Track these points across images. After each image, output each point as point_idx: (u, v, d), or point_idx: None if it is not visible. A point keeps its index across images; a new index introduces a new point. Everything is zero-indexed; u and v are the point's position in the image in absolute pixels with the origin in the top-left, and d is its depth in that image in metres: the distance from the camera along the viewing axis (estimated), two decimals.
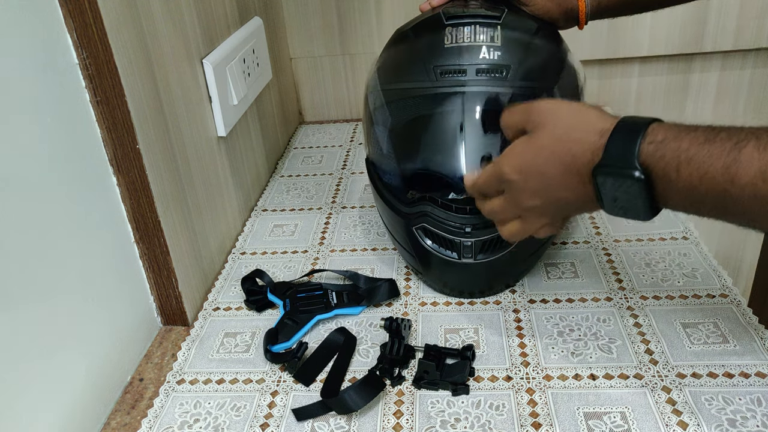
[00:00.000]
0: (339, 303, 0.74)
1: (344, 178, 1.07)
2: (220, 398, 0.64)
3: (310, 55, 1.27)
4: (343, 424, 0.60)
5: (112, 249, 0.66)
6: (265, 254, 0.87)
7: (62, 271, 0.57)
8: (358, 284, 0.77)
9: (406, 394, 0.63)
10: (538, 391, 0.61)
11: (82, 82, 0.60)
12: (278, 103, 1.16)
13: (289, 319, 0.72)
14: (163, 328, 0.75)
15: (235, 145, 0.93)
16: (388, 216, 0.77)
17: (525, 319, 0.71)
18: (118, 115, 0.62)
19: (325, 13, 1.22)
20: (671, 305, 0.71)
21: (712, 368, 0.62)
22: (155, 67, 0.68)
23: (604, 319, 0.70)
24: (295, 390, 0.64)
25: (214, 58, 0.82)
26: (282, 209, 0.99)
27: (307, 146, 1.21)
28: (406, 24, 0.79)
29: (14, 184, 0.51)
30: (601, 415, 0.58)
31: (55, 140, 0.57)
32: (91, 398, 0.62)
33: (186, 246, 0.74)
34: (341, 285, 0.77)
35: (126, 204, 0.67)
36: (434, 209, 0.70)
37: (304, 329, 0.71)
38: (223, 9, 0.88)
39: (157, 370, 0.69)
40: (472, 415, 0.60)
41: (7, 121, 0.51)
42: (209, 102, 0.83)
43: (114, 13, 0.60)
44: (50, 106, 0.56)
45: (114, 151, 0.64)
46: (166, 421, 0.62)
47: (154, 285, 0.72)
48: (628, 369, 0.63)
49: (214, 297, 0.79)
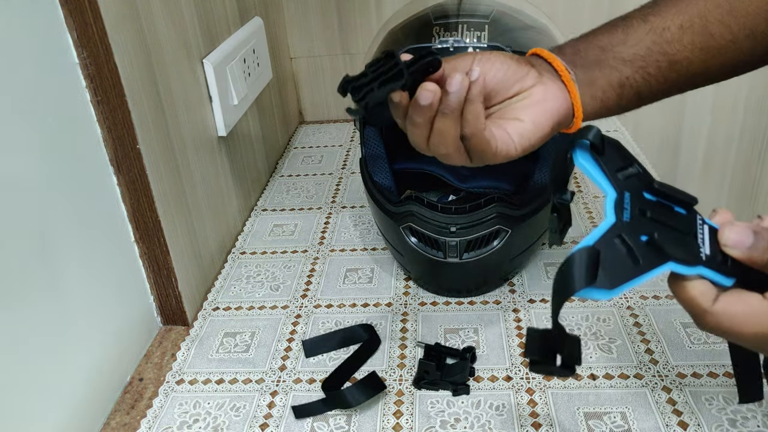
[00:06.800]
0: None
1: (344, 178, 1.07)
2: (220, 398, 0.64)
3: (310, 55, 1.27)
4: (343, 424, 0.60)
5: (112, 249, 0.66)
6: (265, 254, 0.87)
7: (62, 271, 0.57)
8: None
9: (405, 394, 0.63)
10: (538, 391, 0.61)
11: (82, 82, 0.60)
12: (278, 103, 1.16)
13: (622, 240, 0.37)
14: (162, 328, 0.75)
15: (235, 145, 0.93)
16: (377, 216, 0.78)
17: (525, 319, 0.71)
18: (118, 115, 0.62)
19: (325, 13, 1.22)
20: (671, 305, 0.71)
21: (713, 368, 0.62)
22: (155, 67, 0.68)
23: (604, 319, 0.70)
24: (294, 390, 0.64)
25: (215, 58, 0.82)
26: (282, 209, 0.99)
27: (307, 146, 1.21)
28: (394, 17, 0.79)
29: (14, 183, 0.51)
30: (601, 415, 0.58)
31: (55, 140, 0.57)
32: (90, 398, 0.61)
33: (186, 246, 0.74)
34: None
35: (126, 204, 0.67)
36: (420, 209, 0.70)
37: (646, 275, 0.37)
38: (224, 9, 0.88)
39: (156, 370, 0.69)
40: (472, 415, 0.60)
41: (7, 120, 0.51)
42: (209, 102, 0.83)
43: (114, 13, 0.60)
44: (50, 106, 0.56)
45: (114, 151, 0.64)
46: (165, 421, 0.62)
47: (154, 285, 0.72)
48: (628, 369, 0.63)
49: (214, 297, 0.79)
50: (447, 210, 0.69)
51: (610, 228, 0.37)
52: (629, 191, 0.39)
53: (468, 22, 0.70)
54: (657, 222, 0.38)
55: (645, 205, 0.39)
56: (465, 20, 0.71)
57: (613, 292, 0.36)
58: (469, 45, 0.68)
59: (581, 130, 0.42)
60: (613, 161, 0.41)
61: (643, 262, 0.36)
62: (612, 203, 0.38)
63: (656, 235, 0.36)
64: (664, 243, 0.36)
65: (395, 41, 0.74)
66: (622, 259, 0.36)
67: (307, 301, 0.77)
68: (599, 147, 0.41)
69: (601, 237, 0.37)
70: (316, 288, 0.79)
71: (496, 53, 0.47)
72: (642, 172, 0.41)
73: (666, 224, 0.38)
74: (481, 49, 0.68)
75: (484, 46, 0.68)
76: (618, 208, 0.38)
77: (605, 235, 0.37)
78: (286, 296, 0.78)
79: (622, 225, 0.37)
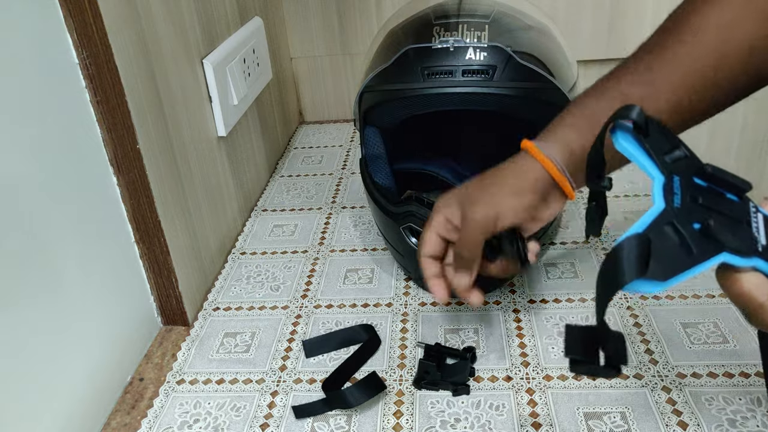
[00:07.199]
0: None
1: (344, 178, 1.07)
2: (220, 398, 0.64)
3: (310, 55, 1.27)
4: (343, 424, 0.60)
5: (112, 249, 0.66)
6: (265, 254, 0.87)
7: (62, 271, 0.57)
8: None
9: (406, 394, 0.63)
10: (538, 391, 0.61)
11: (82, 82, 0.60)
12: (278, 103, 1.16)
13: (673, 228, 0.34)
14: (163, 328, 0.75)
15: (235, 145, 0.93)
16: (377, 216, 0.78)
17: (525, 319, 0.71)
18: (118, 115, 0.62)
19: (326, 13, 1.22)
20: (671, 305, 0.71)
21: (712, 368, 0.62)
22: (155, 67, 0.68)
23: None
24: (294, 390, 0.64)
25: (215, 58, 0.82)
26: (282, 209, 0.99)
27: (307, 146, 1.21)
28: (394, 17, 0.79)
29: (14, 184, 0.51)
30: (601, 415, 0.58)
31: (55, 140, 0.57)
32: (91, 398, 0.61)
33: (186, 246, 0.74)
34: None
35: (126, 204, 0.67)
36: (420, 209, 0.70)
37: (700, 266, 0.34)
38: (224, 9, 0.88)
39: (157, 370, 0.69)
40: (472, 416, 0.60)
41: (7, 120, 0.51)
42: (209, 102, 0.83)
43: (114, 13, 0.60)
44: (50, 106, 0.56)
45: (114, 151, 0.64)
46: (166, 422, 0.62)
47: (154, 285, 0.72)
48: (628, 369, 0.63)
49: (214, 297, 0.79)
50: None
51: (660, 214, 0.34)
52: (678, 175, 0.36)
53: (468, 22, 0.70)
54: (709, 209, 0.35)
55: (696, 191, 0.36)
56: (465, 20, 0.71)
57: (665, 284, 0.33)
58: (469, 45, 0.68)
59: (621, 110, 0.38)
60: (659, 143, 0.38)
61: (697, 252, 0.33)
62: (660, 188, 0.36)
63: (711, 223, 0.33)
64: (720, 231, 0.33)
65: (395, 41, 0.74)
66: (674, 249, 0.33)
67: (307, 302, 0.77)
68: (643, 128, 0.38)
69: (650, 224, 0.34)
70: (316, 288, 0.79)
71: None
72: (690, 155, 0.38)
73: (719, 212, 0.35)
74: (481, 49, 0.68)
75: (484, 46, 0.68)
76: (667, 193, 0.35)
77: (655, 222, 0.34)
78: (287, 296, 0.78)
79: (673, 211, 0.34)
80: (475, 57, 0.68)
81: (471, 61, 0.68)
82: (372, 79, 0.73)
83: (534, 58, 0.69)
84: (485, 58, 0.68)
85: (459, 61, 0.68)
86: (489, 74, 0.68)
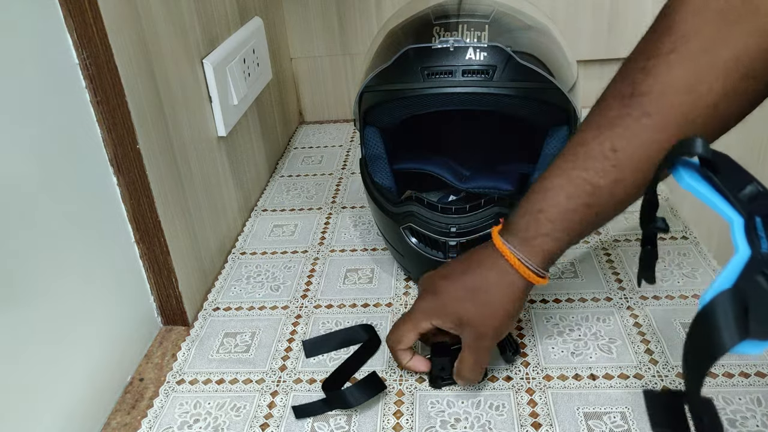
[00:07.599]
0: None
1: (344, 178, 1.07)
2: (220, 398, 0.64)
3: (310, 55, 1.27)
4: (343, 424, 0.60)
5: (112, 249, 0.66)
6: (265, 254, 0.87)
7: (62, 271, 0.57)
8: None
9: (406, 394, 0.63)
10: (538, 391, 0.61)
11: (82, 82, 0.60)
12: (278, 103, 1.16)
13: (766, 277, 0.31)
14: (163, 328, 0.75)
15: (235, 145, 0.93)
16: (377, 216, 0.78)
17: (525, 319, 0.71)
18: (118, 115, 0.62)
19: (326, 13, 1.22)
20: (671, 305, 0.71)
21: (712, 368, 0.62)
22: (155, 67, 0.68)
23: (604, 319, 0.70)
24: (294, 390, 0.64)
25: (215, 58, 0.82)
26: (282, 209, 0.99)
27: (307, 146, 1.21)
28: (394, 17, 0.79)
29: (14, 184, 0.51)
30: (601, 415, 0.58)
31: (55, 140, 0.57)
32: (91, 398, 0.62)
33: (186, 246, 0.74)
34: None
35: (126, 204, 0.67)
36: (420, 209, 0.71)
37: None
38: (224, 9, 0.88)
39: (157, 370, 0.69)
40: (472, 415, 0.60)
41: (7, 121, 0.51)
42: (209, 102, 0.83)
43: (114, 13, 0.60)
44: (50, 106, 0.56)
45: (114, 151, 0.64)
46: (166, 421, 0.62)
47: (154, 285, 0.72)
48: (628, 369, 0.63)
49: (214, 297, 0.79)
50: (447, 210, 0.70)
51: (747, 263, 0.30)
52: (759, 216, 0.32)
53: (468, 22, 0.70)
54: None
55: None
56: (465, 20, 0.71)
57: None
58: (469, 45, 0.68)
59: (681, 144, 0.34)
60: (730, 179, 0.33)
61: None
62: (742, 231, 0.31)
63: None
64: None
65: (395, 41, 0.74)
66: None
67: (307, 302, 0.77)
68: (712, 163, 0.33)
69: (740, 275, 0.29)
70: (316, 288, 0.79)
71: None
72: (765, 191, 0.33)
73: None
74: (481, 49, 0.68)
75: (484, 46, 0.68)
76: (751, 237, 0.31)
77: (745, 272, 0.30)
78: (287, 296, 0.78)
79: (763, 258, 0.30)
80: (475, 57, 0.68)
81: (471, 61, 0.68)
82: (372, 79, 0.73)
83: (534, 58, 0.69)
84: (485, 58, 0.68)
85: (459, 61, 0.68)
86: (489, 74, 0.68)
